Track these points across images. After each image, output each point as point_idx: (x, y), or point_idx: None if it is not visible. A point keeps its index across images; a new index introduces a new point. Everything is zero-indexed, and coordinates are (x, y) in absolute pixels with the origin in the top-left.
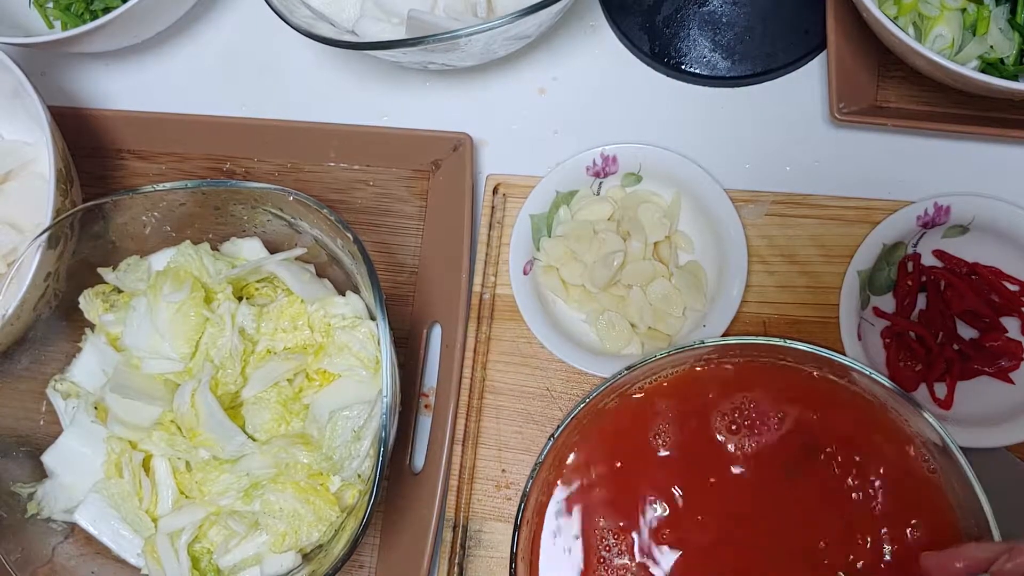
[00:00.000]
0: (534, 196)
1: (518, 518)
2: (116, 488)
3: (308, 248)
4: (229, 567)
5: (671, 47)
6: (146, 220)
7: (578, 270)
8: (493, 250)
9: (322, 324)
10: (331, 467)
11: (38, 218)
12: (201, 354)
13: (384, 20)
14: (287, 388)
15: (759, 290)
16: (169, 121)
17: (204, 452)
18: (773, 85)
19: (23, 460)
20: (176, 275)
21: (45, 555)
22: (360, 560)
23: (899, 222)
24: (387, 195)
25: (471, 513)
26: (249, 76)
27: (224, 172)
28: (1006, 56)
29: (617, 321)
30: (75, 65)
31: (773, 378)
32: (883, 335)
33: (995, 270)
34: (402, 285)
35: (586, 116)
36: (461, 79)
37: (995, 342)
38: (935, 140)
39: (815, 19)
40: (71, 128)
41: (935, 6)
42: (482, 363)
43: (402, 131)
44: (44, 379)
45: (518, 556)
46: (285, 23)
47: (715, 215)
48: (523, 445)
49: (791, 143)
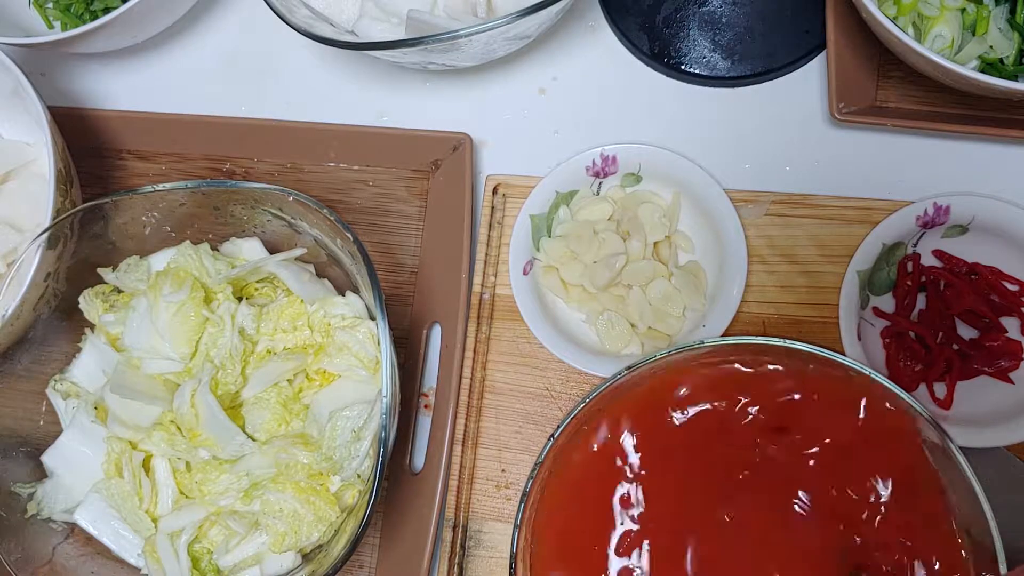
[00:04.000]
0: (534, 196)
1: (518, 518)
2: (116, 488)
3: (308, 248)
4: (229, 567)
5: (671, 47)
6: (146, 220)
7: (578, 270)
8: (493, 250)
9: (322, 324)
10: (331, 467)
11: (38, 218)
12: (201, 354)
13: (384, 20)
14: (287, 388)
15: (759, 290)
16: (169, 121)
17: (204, 452)
18: (773, 85)
19: (23, 460)
20: (176, 275)
21: (45, 555)
22: (360, 560)
23: (899, 222)
24: (387, 195)
25: (471, 513)
26: (249, 76)
27: (224, 172)
28: (1006, 56)
29: (617, 321)
30: (75, 65)
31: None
32: (883, 335)
33: (995, 270)
34: (402, 285)
35: (586, 116)
36: (461, 79)
37: (995, 342)
38: (935, 140)
39: (815, 19)
40: (71, 128)
41: (935, 6)
42: (482, 363)
43: (402, 131)
44: (44, 379)
45: (518, 556)
46: (285, 23)
47: (715, 215)
48: (523, 445)
49: (791, 143)
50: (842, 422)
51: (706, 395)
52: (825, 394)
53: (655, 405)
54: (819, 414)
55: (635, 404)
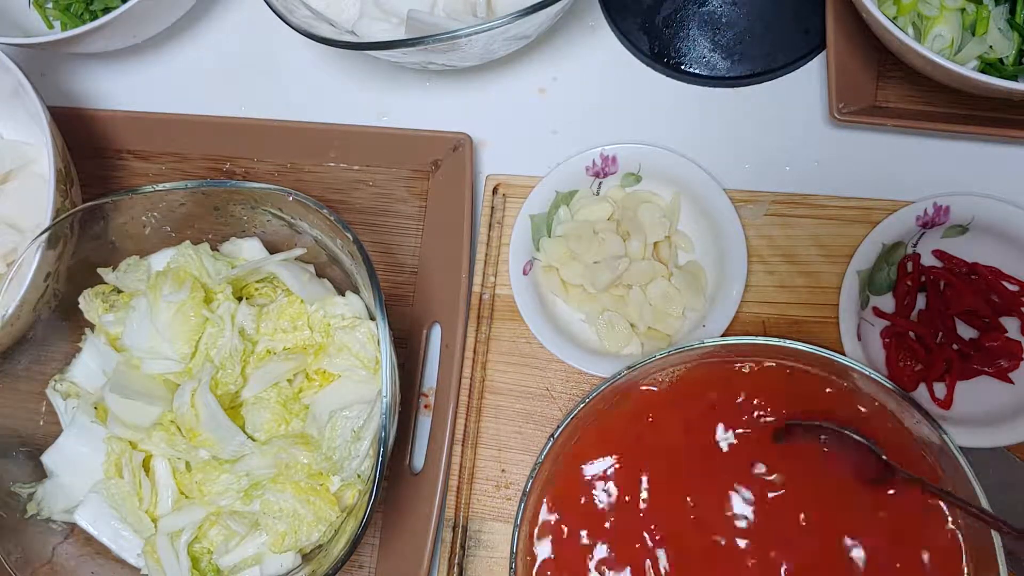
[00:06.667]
0: (534, 196)
1: (518, 518)
2: (116, 488)
3: (308, 248)
4: (229, 567)
5: (671, 47)
6: (146, 220)
7: (578, 270)
8: (493, 250)
9: (322, 324)
10: (331, 467)
11: (38, 218)
12: (201, 354)
13: (384, 20)
14: (287, 388)
15: (759, 290)
16: (169, 121)
17: (204, 452)
18: (773, 85)
19: (23, 460)
20: (176, 275)
21: (45, 555)
22: (360, 560)
23: (899, 222)
24: (387, 195)
25: (471, 513)
26: (249, 76)
27: (224, 172)
28: (1005, 56)
29: (617, 321)
30: (75, 65)
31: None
32: (883, 335)
33: (995, 270)
34: (402, 285)
35: (586, 116)
36: (461, 79)
37: (995, 342)
38: (935, 140)
39: (815, 19)
40: (71, 128)
41: (934, 6)
42: (482, 363)
43: (402, 131)
44: (44, 379)
45: (518, 556)
46: (285, 23)
47: (715, 215)
48: (523, 445)
49: (791, 143)
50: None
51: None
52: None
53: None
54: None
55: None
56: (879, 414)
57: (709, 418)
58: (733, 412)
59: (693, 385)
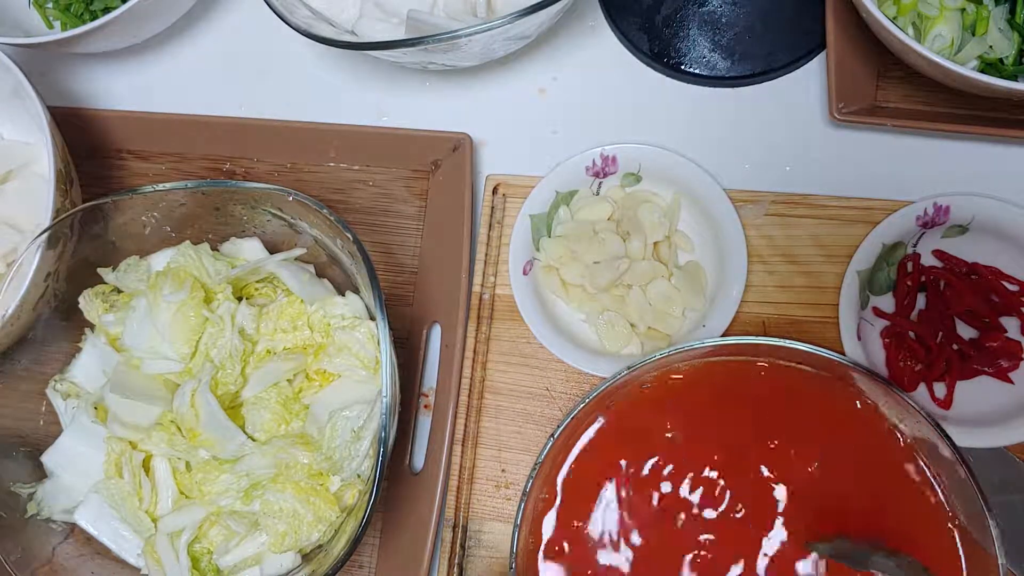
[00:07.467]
0: (534, 196)
1: (518, 518)
2: (116, 488)
3: (308, 248)
4: (229, 567)
5: (671, 47)
6: (146, 220)
7: (578, 270)
8: (493, 250)
9: (322, 324)
10: (331, 467)
11: (38, 218)
12: (201, 354)
13: (384, 20)
14: (287, 388)
15: (759, 290)
16: (169, 121)
17: (204, 452)
18: (773, 85)
19: (23, 460)
20: (176, 275)
21: (45, 555)
22: (360, 560)
23: (899, 222)
24: (387, 195)
25: (471, 513)
26: (249, 76)
27: (224, 172)
28: (1005, 56)
29: (617, 321)
30: (75, 65)
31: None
32: (883, 335)
33: (995, 270)
34: (402, 285)
35: (586, 116)
36: (461, 79)
37: (995, 342)
38: (935, 140)
39: (815, 19)
40: (71, 128)
41: (934, 6)
42: (482, 363)
43: (402, 131)
44: (44, 379)
45: (518, 556)
46: (285, 23)
47: (715, 215)
48: (523, 445)
49: (791, 143)
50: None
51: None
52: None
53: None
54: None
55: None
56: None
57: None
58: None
59: (695, 384)
